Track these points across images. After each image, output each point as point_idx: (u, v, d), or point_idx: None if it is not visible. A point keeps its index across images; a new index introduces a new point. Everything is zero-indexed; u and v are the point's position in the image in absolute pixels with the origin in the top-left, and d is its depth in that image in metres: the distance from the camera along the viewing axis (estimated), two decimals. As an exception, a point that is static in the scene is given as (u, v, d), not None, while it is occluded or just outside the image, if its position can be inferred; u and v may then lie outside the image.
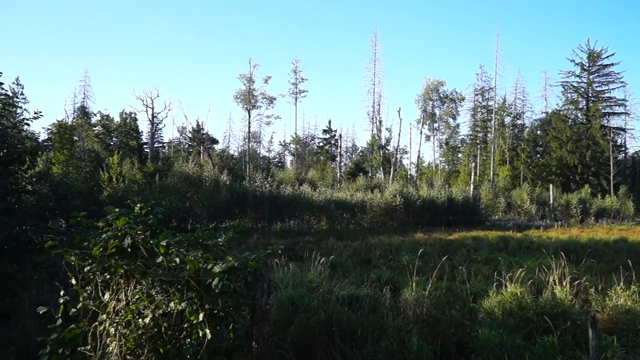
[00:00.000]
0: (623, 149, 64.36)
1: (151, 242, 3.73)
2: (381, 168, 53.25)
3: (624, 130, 63.15)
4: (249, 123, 55.54)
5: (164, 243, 3.64)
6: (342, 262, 11.72)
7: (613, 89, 61.93)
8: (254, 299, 4.18)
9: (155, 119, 49.80)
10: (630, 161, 65.40)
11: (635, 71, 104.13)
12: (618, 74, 61.20)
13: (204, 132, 54.70)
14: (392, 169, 51.33)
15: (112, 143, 48.44)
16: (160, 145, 70.50)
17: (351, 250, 15.11)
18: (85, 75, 73.23)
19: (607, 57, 61.29)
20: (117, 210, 3.86)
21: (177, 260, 3.61)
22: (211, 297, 3.62)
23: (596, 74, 62.27)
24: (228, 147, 78.12)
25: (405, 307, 6.70)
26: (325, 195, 28.80)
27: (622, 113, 62.43)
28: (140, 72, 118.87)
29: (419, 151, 67.72)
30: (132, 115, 48.80)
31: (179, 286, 3.66)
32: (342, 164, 66.44)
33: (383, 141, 56.77)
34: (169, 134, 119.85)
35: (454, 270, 10.55)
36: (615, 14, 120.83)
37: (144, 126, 64.38)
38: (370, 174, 54.39)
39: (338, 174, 55.43)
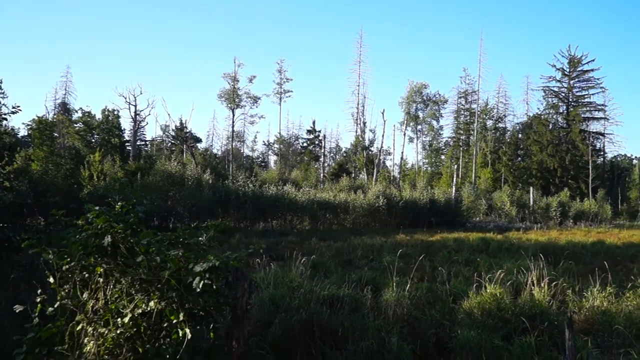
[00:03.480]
0: (602, 153, 65.66)
1: (132, 240, 3.69)
2: (364, 169, 53.42)
3: (603, 134, 64.35)
4: (233, 122, 55.44)
5: (144, 242, 3.60)
6: (324, 262, 11.73)
7: (593, 94, 63.04)
8: (235, 298, 4.16)
9: (137, 116, 49.19)
10: (608, 165, 66.74)
11: (615, 77, 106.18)
12: (598, 79, 62.31)
13: (187, 130, 54.23)
14: (375, 170, 51.55)
15: (93, 140, 47.81)
16: (143, 143, 69.79)
17: (333, 250, 15.12)
18: (66, 71, 72.22)
19: (587, 62, 62.37)
20: (97, 208, 3.81)
21: (158, 259, 3.58)
22: (192, 296, 3.59)
23: (576, 79, 63.30)
24: (211, 146, 77.81)
25: (386, 307, 6.74)
26: (308, 195, 28.81)
27: (601, 118, 63.60)
28: (123, 69, 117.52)
29: (402, 153, 68.47)
30: (115, 113, 48.19)
31: (159, 285, 3.63)
32: (326, 164, 66.48)
33: (367, 142, 56.98)
34: (151, 132, 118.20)
35: (434, 271, 10.64)
36: (596, 20, 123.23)
37: (126, 124, 63.72)
38: (353, 175, 54.46)
39: (321, 175, 55.54)
